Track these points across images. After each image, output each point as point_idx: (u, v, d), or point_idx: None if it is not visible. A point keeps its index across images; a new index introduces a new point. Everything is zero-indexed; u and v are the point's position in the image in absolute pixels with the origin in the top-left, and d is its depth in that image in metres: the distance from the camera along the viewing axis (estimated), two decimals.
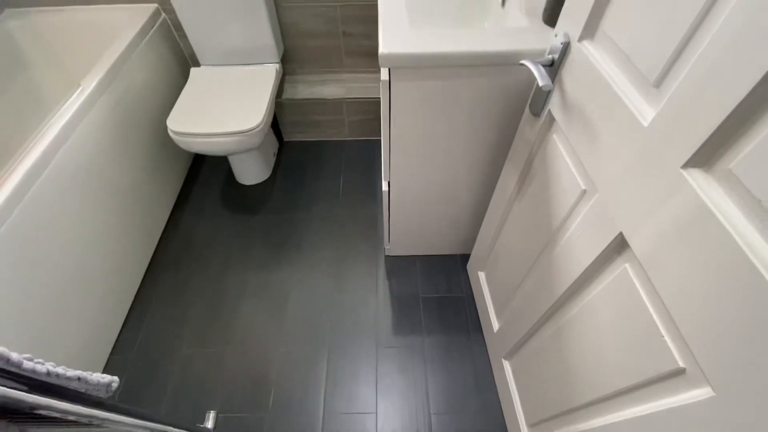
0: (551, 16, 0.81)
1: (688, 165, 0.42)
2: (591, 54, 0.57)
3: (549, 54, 0.67)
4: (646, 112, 0.48)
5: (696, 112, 0.40)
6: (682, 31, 0.41)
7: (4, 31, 1.49)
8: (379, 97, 1.68)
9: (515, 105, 0.89)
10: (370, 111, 1.76)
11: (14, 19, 1.51)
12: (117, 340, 1.28)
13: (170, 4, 1.48)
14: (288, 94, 1.71)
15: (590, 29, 0.58)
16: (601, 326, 0.59)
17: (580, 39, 0.60)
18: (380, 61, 0.78)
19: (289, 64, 1.74)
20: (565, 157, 0.67)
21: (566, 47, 0.63)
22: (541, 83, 0.60)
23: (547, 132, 0.74)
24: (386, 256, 1.47)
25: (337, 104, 1.73)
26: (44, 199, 1.00)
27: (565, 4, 0.64)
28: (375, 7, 1.54)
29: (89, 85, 1.19)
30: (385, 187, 1.12)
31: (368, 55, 1.72)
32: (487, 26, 1.06)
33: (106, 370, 1.22)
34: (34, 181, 0.98)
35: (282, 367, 1.22)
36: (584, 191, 0.62)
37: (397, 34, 0.82)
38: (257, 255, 1.48)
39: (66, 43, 1.53)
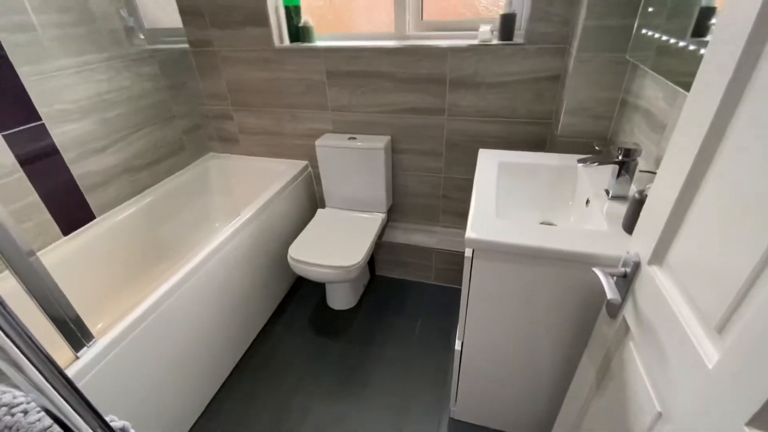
0: (630, 226, 0.89)
1: (752, 424, 0.41)
2: (660, 280, 0.62)
3: (622, 266, 0.73)
4: (710, 353, 0.49)
5: (757, 370, 0.41)
6: (740, 282, 0.45)
7: (204, 166, 2.11)
8: None
9: (593, 300, 0.92)
10: (455, 262, 1.90)
11: (213, 160, 2.15)
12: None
13: (316, 162, 1.95)
14: (387, 237, 1.97)
15: (658, 257, 0.64)
16: None
17: (650, 263, 0.66)
18: (466, 242, 0.93)
19: (393, 213, 2.05)
20: (641, 369, 0.67)
21: (638, 265, 0.69)
22: (609, 296, 0.66)
23: (624, 337, 0.75)
24: (451, 419, 1.39)
25: (427, 251, 1.91)
26: (185, 298, 1.28)
27: (638, 225, 0.72)
28: (472, 179, 1.81)
29: (246, 214, 1.59)
30: (458, 347, 1.15)
31: (461, 215, 1.94)
32: (572, 220, 1.17)
33: None
34: (185, 283, 1.28)
35: None
36: (659, 414, 0.60)
37: (483, 222, 0.97)
38: (326, 384, 1.54)
39: (240, 180, 2.09)
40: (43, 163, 1.40)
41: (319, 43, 1.72)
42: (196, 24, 1.80)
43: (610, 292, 0.66)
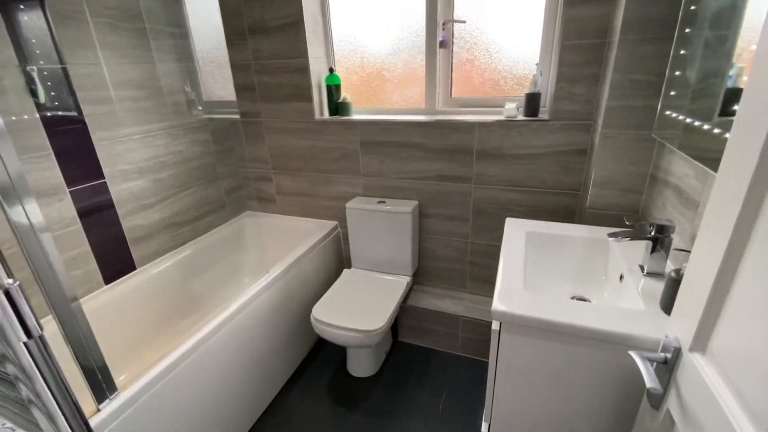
0: (668, 306, 0.84)
1: None
2: (704, 371, 0.58)
3: (662, 351, 0.69)
4: None
5: None
6: None
7: (241, 223, 2.22)
8: None
9: (634, 386, 0.85)
10: (483, 332, 1.81)
11: (249, 218, 2.26)
12: None
13: (345, 223, 2.01)
14: (411, 300, 1.94)
15: (700, 343, 0.60)
16: None
17: (691, 350, 0.61)
18: (493, 315, 0.91)
19: (418, 276, 2.03)
20: None
21: (678, 351, 0.65)
22: (648, 384, 0.61)
23: None
24: None
25: (453, 319, 1.85)
26: (207, 355, 1.29)
27: (675, 307, 0.69)
28: (499, 246, 1.79)
29: (275, 272, 1.63)
30: (484, 429, 1.07)
31: (489, 282, 1.89)
32: (605, 296, 1.12)
33: None
34: (208, 340, 1.29)
35: None
36: None
37: (511, 293, 0.95)
38: None
39: (273, 238, 2.17)
40: (98, 216, 1.53)
41: (355, 117, 1.87)
42: (248, 98, 2.02)
43: (650, 381, 0.62)
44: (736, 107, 0.86)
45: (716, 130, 0.85)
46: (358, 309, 1.62)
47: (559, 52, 1.43)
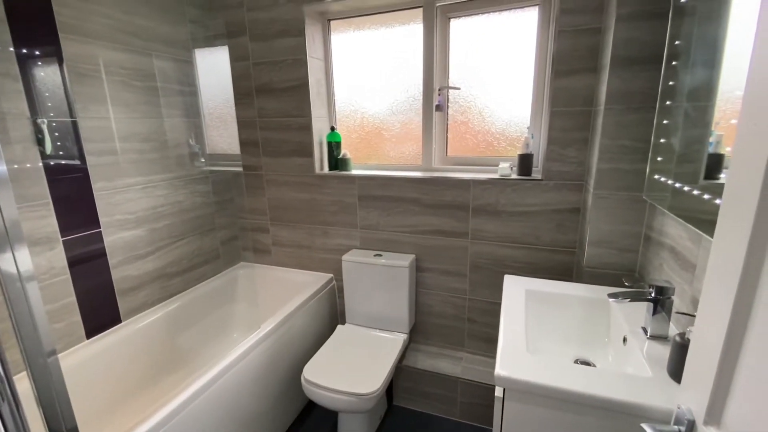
0: (676, 372, 0.81)
1: None
2: None
3: (675, 423, 0.65)
4: None
5: None
6: None
7: (234, 274, 2.18)
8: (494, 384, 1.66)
9: None
10: (484, 396, 1.72)
11: (243, 269, 2.23)
12: None
13: (341, 275, 1.98)
14: (408, 360, 1.85)
15: (714, 416, 0.57)
16: None
17: (705, 423, 0.58)
18: (496, 381, 0.87)
19: (415, 333, 1.97)
20: None
21: (692, 424, 0.61)
22: None
23: None
24: None
25: (452, 382, 1.76)
26: (190, 419, 1.19)
27: (684, 377, 0.66)
28: (499, 303, 1.76)
29: (266, 327, 1.57)
30: None
31: (488, 341, 1.83)
32: (609, 360, 1.09)
33: None
34: (192, 402, 1.20)
35: None
36: None
37: (514, 357, 0.92)
38: None
39: (266, 289, 2.12)
40: (88, 266, 1.50)
41: (354, 172, 1.93)
42: (251, 152, 2.08)
43: None
44: (719, 173, 0.90)
45: (705, 196, 0.88)
46: (352, 370, 1.54)
47: (548, 117, 1.52)
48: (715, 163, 0.93)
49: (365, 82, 1.93)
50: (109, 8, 1.52)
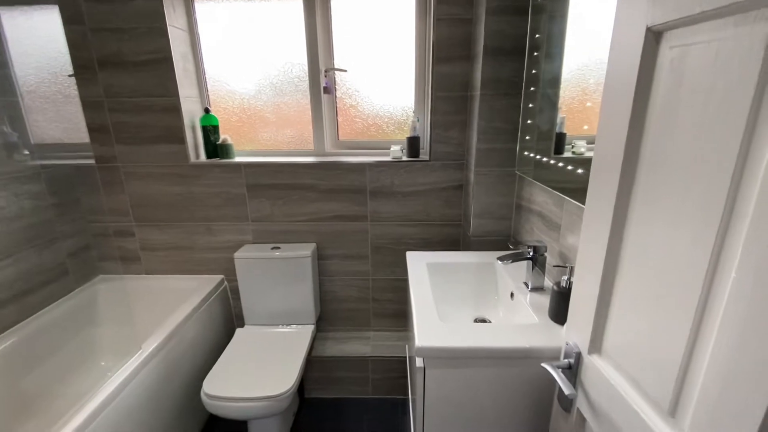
0: (556, 315, 0.98)
1: None
2: (603, 369, 0.68)
3: (565, 358, 0.79)
4: None
5: None
6: (677, 363, 0.51)
7: (92, 291, 1.78)
8: (404, 356, 1.76)
9: (546, 395, 0.95)
10: (393, 369, 1.81)
11: (104, 283, 1.84)
12: None
13: (234, 275, 1.81)
14: (317, 350, 1.82)
15: (596, 345, 0.71)
16: None
17: (590, 352, 0.72)
18: (416, 351, 0.91)
19: (321, 323, 1.94)
20: None
21: (579, 355, 0.75)
22: (566, 391, 0.69)
23: (582, 430, 0.76)
24: None
25: (363, 362, 1.79)
26: None
27: (569, 316, 0.80)
28: (402, 280, 1.85)
29: (148, 347, 1.33)
30: None
31: (394, 316, 1.92)
32: (501, 315, 1.25)
33: None
34: None
35: None
36: None
37: (429, 329, 0.98)
38: None
39: (140, 305, 1.79)
40: None
41: (239, 159, 1.75)
42: (98, 140, 1.69)
43: (566, 388, 0.69)
44: (563, 149, 1.11)
45: (559, 164, 1.07)
46: (260, 372, 1.43)
47: (432, 102, 1.62)
48: (560, 140, 1.14)
49: (242, 59, 1.74)
50: None
